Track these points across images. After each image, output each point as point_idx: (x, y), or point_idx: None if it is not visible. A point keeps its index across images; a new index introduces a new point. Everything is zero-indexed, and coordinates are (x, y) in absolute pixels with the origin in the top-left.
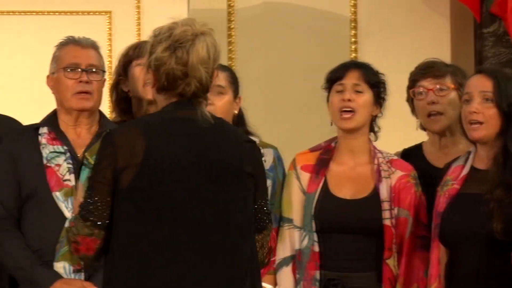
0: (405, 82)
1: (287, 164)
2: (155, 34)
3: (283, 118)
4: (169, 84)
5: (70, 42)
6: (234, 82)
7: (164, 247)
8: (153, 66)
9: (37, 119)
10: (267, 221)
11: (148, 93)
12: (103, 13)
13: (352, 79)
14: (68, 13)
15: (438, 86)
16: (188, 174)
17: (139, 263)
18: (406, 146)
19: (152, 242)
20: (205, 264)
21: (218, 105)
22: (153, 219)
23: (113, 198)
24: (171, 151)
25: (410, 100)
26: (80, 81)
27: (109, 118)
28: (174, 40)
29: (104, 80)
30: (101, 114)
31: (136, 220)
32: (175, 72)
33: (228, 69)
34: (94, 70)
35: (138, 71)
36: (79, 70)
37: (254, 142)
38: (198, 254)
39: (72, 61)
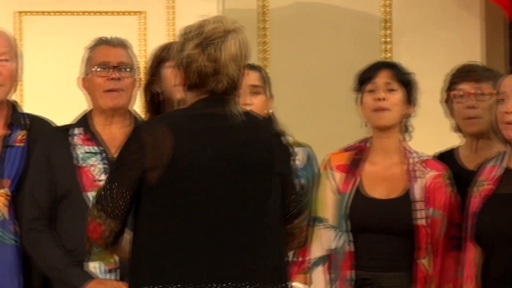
0: (437, 82)
1: (319, 163)
2: (185, 32)
3: (316, 118)
4: (200, 82)
5: (100, 43)
6: (267, 81)
7: (190, 244)
8: (184, 64)
9: (72, 120)
10: (301, 207)
11: (178, 92)
12: (137, 13)
13: (384, 78)
14: (102, 13)
15: (478, 91)
16: (215, 172)
17: (161, 259)
18: (437, 146)
19: (176, 239)
20: (230, 262)
21: (256, 104)
22: (179, 217)
23: (136, 194)
24: (198, 149)
25: (446, 102)
26: (111, 79)
27: (143, 118)
28: (205, 37)
29: (136, 78)
30: (134, 114)
31: (162, 217)
32: (206, 69)
33: (260, 69)
34: (124, 67)
35: (170, 72)
36: (110, 68)
37: (282, 135)
38: (226, 251)
39: (102, 60)
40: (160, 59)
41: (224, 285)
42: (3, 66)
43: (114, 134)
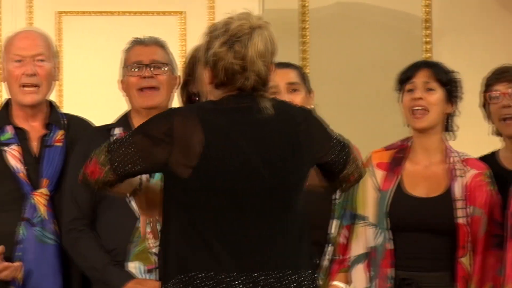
0: (478, 82)
1: None
2: (211, 30)
3: (357, 117)
4: (227, 79)
5: (134, 44)
6: (305, 78)
7: (223, 235)
8: (211, 62)
9: (112, 119)
10: (344, 161)
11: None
12: (177, 14)
13: (422, 77)
14: (142, 14)
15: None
16: (246, 165)
17: (196, 249)
18: (479, 146)
19: (209, 229)
20: (265, 249)
21: (296, 102)
22: (213, 207)
23: (168, 186)
24: (229, 142)
25: (484, 105)
26: (144, 77)
27: None
28: (231, 35)
29: (175, 76)
30: None
31: (196, 208)
32: (233, 66)
33: (296, 67)
34: (157, 65)
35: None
36: (143, 66)
37: (309, 112)
38: (260, 240)
39: (135, 60)
40: (195, 59)
41: (260, 273)
42: (39, 66)
43: None
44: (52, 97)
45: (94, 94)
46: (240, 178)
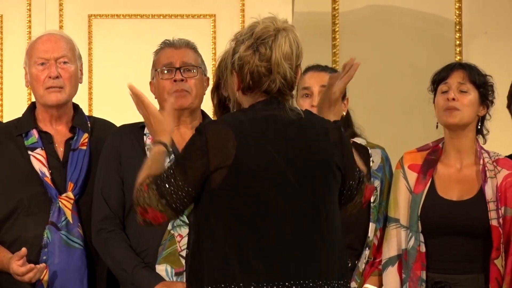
0: (508, 85)
1: (394, 165)
2: (236, 37)
3: (388, 120)
4: (254, 83)
5: (165, 46)
6: None
7: (257, 243)
8: (237, 67)
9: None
10: (359, 189)
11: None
12: (208, 16)
13: (456, 78)
14: (172, 17)
15: None
16: (278, 171)
17: (228, 259)
18: (511, 149)
19: (242, 239)
20: (298, 257)
21: None
22: (245, 216)
23: (200, 195)
24: (260, 150)
25: (510, 106)
26: (175, 80)
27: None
28: (256, 38)
29: (205, 79)
30: (204, 114)
31: (228, 218)
32: (259, 69)
33: (332, 69)
34: (188, 68)
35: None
36: (173, 69)
37: (338, 125)
38: (293, 248)
39: (165, 62)
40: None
41: (292, 282)
42: (63, 68)
43: (183, 134)
44: (82, 99)
45: (124, 97)
46: (271, 185)
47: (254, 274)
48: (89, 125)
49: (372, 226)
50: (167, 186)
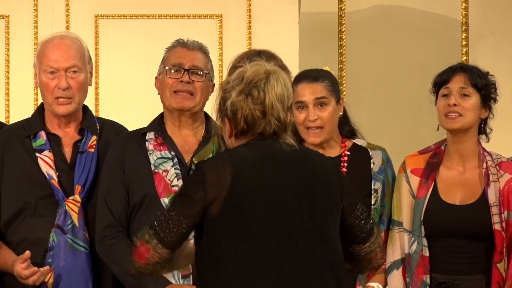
0: None
1: (396, 165)
2: (224, 84)
3: (393, 120)
4: (248, 127)
5: (178, 45)
6: (334, 88)
7: (256, 267)
8: (230, 113)
9: (149, 122)
10: (368, 231)
11: None
12: (214, 17)
13: (458, 83)
14: (180, 17)
15: None
16: (274, 197)
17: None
18: None
19: (241, 264)
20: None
21: (323, 117)
22: (243, 241)
23: (195, 227)
24: (257, 176)
25: None
26: (181, 81)
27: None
28: (248, 82)
29: (211, 85)
30: (208, 118)
31: (227, 242)
32: (253, 112)
33: (326, 78)
34: (197, 71)
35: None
36: (182, 70)
37: (334, 160)
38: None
39: (176, 61)
40: (235, 68)
41: None
42: (72, 78)
43: (185, 137)
44: (89, 100)
45: (131, 98)
46: (269, 207)
47: None
48: (98, 127)
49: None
50: (159, 217)
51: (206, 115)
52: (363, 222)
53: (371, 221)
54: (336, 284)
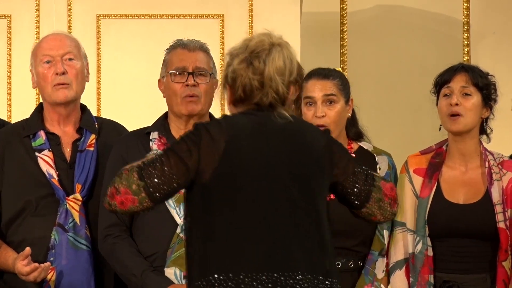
0: None
1: (396, 165)
2: (231, 51)
3: (395, 120)
4: (245, 96)
5: (178, 46)
6: (344, 87)
7: (243, 236)
8: (230, 80)
9: (151, 122)
10: (368, 192)
11: None
12: (216, 16)
13: (459, 82)
14: (181, 17)
15: None
16: (267, 167)
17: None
18: None
19: (229, 232)
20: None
21: (330, 115)
22: (233, 209)
23: (191, 190)
24: (251, 144)
25: None
26: (187, 85)
27: None
28: (250, 51)
29: (215, 82)
30: (211, 118)
31: (214, 211)
32: (251, 82)
33: (337, 76)
34: (200, 72)
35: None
36: (186, 73)
37: (327, 130)
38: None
39: (179, 65)
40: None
41: (275, 274)
42: (69, 65)
43: None
44: (91, 100)
45: (133, 97)
46: (260, 178)
47: (242, 264)
48: (96, 126)
49: (385, 233)
50: (150, 169)
51: (210, 115)
52: (356, 190)
53: (367, 187)
54: (322, 260)
